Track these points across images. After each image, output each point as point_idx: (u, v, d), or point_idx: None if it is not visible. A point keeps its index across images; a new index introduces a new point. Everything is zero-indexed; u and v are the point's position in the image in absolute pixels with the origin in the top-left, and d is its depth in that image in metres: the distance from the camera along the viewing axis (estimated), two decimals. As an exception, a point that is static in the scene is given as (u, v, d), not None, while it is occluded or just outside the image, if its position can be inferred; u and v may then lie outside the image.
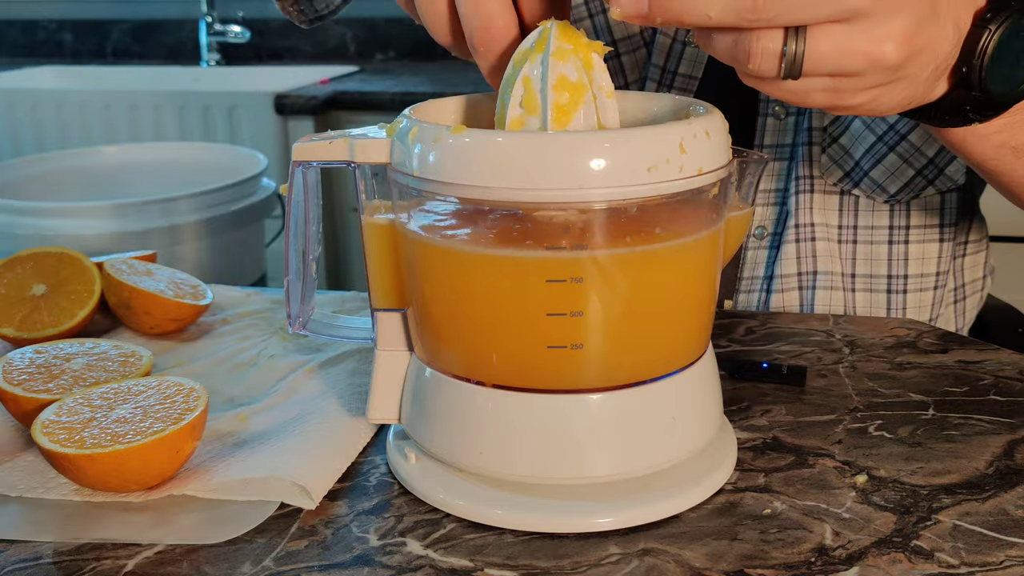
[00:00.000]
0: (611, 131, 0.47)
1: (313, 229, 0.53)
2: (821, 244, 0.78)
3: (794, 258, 0.79)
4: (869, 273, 0.79)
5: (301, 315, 0.54)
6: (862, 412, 0.58)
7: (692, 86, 0.80)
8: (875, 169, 0.75)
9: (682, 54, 0.80)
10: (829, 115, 0.76)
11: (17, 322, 0.66)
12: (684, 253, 0.47)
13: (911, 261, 0.79)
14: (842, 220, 0.78)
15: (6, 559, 0.45)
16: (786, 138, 0.78)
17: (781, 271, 0.79)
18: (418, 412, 0.51)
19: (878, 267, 0.79)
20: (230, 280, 0.89)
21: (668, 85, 0.81)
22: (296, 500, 0.49)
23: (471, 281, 0.46)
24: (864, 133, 0.75)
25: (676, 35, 0.79)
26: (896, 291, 0.79)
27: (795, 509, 0.48)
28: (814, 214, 0.78)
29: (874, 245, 0.78)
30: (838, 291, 0.79)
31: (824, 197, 0.78)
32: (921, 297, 0.79)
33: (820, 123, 0.77)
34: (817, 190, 0.78)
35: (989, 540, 0.45)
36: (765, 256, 0.81)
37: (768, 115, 0.78)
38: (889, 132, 0.75)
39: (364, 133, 0.49)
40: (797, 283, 0.79)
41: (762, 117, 0.78)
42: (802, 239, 0.78)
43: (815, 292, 0.79)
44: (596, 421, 0.47)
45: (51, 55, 2.79)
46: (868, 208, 0.78)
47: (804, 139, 0.77)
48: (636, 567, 0.44)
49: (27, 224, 1.35)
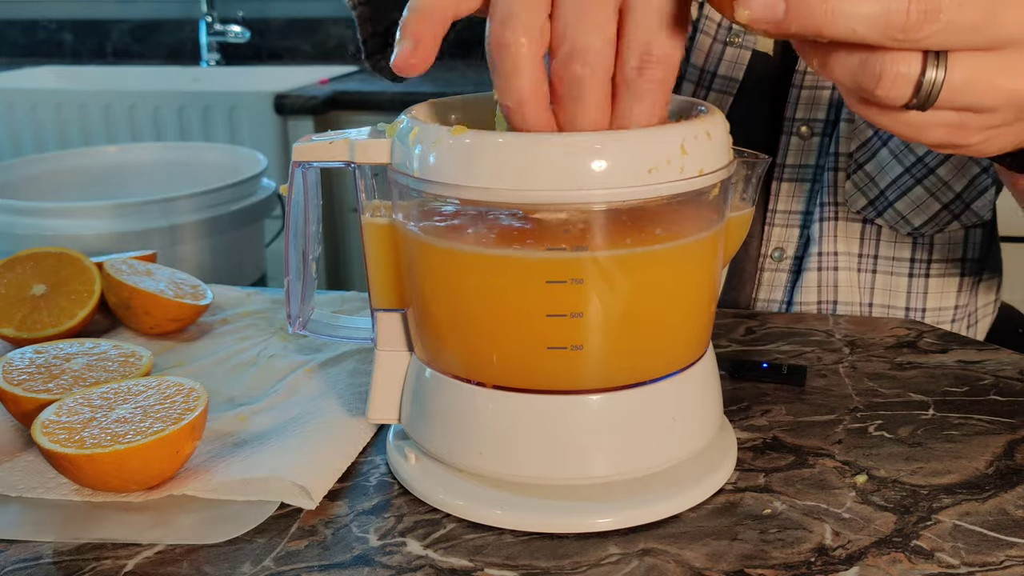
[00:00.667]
0: (611, 132, 0.47)
1: (313, 229, 0.53)
2: (843, 274, 0.77)
3: (815, 286, 0.78)
4: (887, 304, 0.78)
5: (301, 315, 0.54)
6: (862, 412, 0.58)
7: (732, 89, 0.77)
8: (900, 201, 0.74)
9: (722, 55, 0.77)
10: (857, 140, 0.74)
11: (17, 322, 0.66)
12: (684, 254, 0.47)
13: (930, 295, 0.77)
14: (863, 249, 0.77)
15: (6, 559, 0.45)
16: (809, 159, 0.77)
17: (801, 299, 0.78)
18: (418, 412, 0.51)
19: (896, 299, 0.78)
20: (230, 280, 0.89)
21: (707, 87, 0.78)
22: (296, 500, 0.49)
23: (471, 281, 0.46)
24: (891, 163, 0.74)
25: (717, 35, 0.77)
26: None
27: (795, 509, 0.48)
28: (838, 243, 0.77)
29: (894, 276, 0.77)
30: None
31: (847, 224, 0.77)
32: None
33: (847, 148, 0.75)
34: (841, 218, 0.77)
35: (989, 540, 0.45)
36: (784, 279, 0.79)
37: (793, 134, 0.77)
38: (917, 164, 0.73)
39: (364, 133, 0.49)
40: (816, 311, 0.78)
41: (786, 136, 0.77)
42: (824, 267, 0.77)
43: None
44: (596, 422, 0.47)
45: (51, 55, 2.79)
46: (890, 239, 0.76)
47: (831, 164, 0.76)
48: (636, 567, 0.44)
49: (27, 224, 1.35)
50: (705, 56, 0.78)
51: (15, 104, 2.22)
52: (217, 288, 0.78)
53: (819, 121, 0.76)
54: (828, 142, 0.76)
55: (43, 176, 1.61)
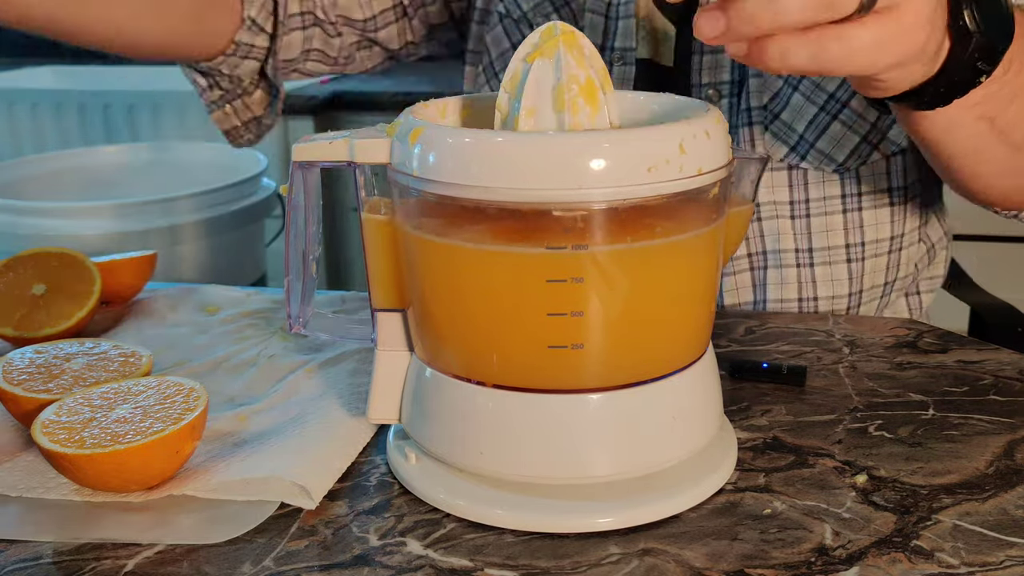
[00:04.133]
0: (611, 131, 0.47)
1: (313, 229, 0.53)
2: (768, 223, 0.78)
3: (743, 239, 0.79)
4: (827, 245, 0.79)
5: (301, 315, 0.54)
6: (862, 412, 0.58)
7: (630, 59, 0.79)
8: (820, 140, 0.76)
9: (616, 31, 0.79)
10: (768, 92, 0.76)
11: (16, 322, 0.66)
12: (684, 251, 0.47)
13: (866, 228, 0.79)
14: (793, 195, 0.78)
15: (6, 559, 0.45)
16: None
17: None
18: (418, 412, 0.51)
19: (835, 238, 0.79)
20: (230, 280, 0.89)
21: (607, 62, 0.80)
22: (296, 500, 0.49)
23: (471, 280, 0.46)
24: (805, 105, 0.75)
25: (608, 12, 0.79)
26: (855, 259, 0.79)
27: (795, 509, 0.48)
28: (760, 193, 0.78)
29: (828, 216, 0.78)
30: (791, 268, 0.79)
31: (771, 175, 0.78)
32: (876, 263, 0.80)
33: (759, 102, 0.77)
34: None
35: (989, 540, 0.45)
36: None
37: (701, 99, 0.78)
38: (830, 101, 0.75)
39: (364, 133, 0.49)
40: (748, 264, 0.79)
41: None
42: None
43: (767, 271, 0.79)
44: (596, 421, 0.47)
45: (51, 55, 2.79)
46: (818, 180, 0.78)
47: (744, 120, 0.77)
48: (636, 567, 0.44)
49: (27, 224, 1.35)
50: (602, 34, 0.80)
51: (15, 104, 2.22)
52: (217, 288, 0.78)
53: (724, 83, 0.78)
54: (737, 101, 0.78)
55: (43, 176, 1.61)
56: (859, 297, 0.80)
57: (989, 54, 0.54)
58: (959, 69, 0.54)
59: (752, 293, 0.80)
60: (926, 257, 0.85)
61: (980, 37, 0.52)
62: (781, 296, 0.79)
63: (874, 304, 0.82)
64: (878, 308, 0.82)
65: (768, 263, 0.79)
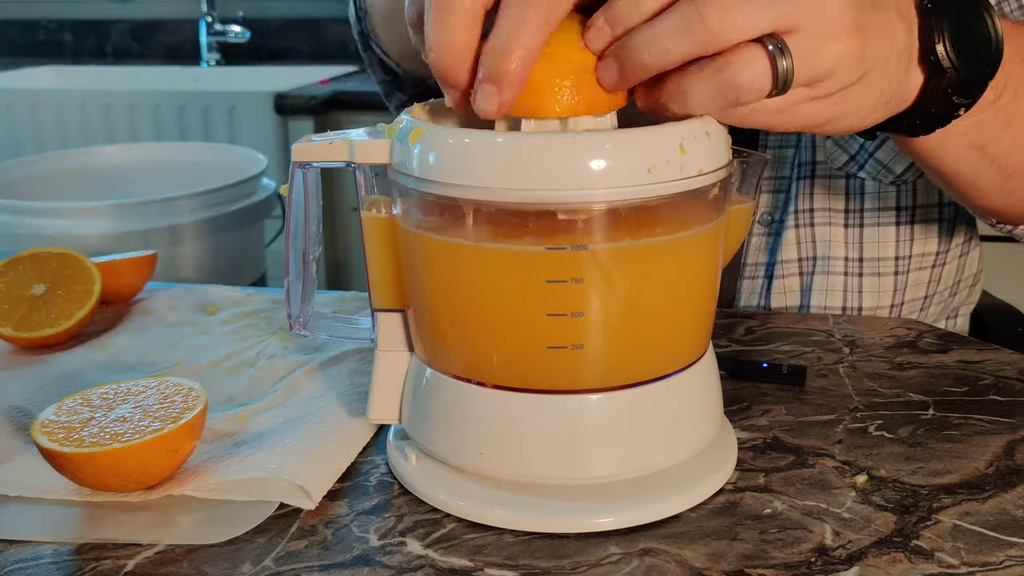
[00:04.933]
0: (611, 131, 0.47)
1: (313, 229, 0.53)
2: (820, 229, 0.78)
3: (794, 243, 0.79)
4: (876, 256, 0.78)
5: (301, 315, 0.54)
6: (862, 412, 0.58)
7: None
8: (880, 151, 0.75)
9: None
10: None
11: (15, 322, 0.66)
12: (684, 253, 0.47)
13: (916, 241, 0.79)
14: (849, 204, 0.78)
15: (6, 559, 0.45)
16: None
17: (782, 257, 0.79)
18: (418, 412, 0.51)
19: (885, 249, 0.78)
20: (230, 280, 0.89)
21: None
22: (296, 500, 0.49)
23: (471, 279, 0.46)
24: None
25: None
26: (901, 272, 0.79)
27: (795, 509, 0.48)
28: (814, 199, 0.78)
29: (881, 228, 0.78)
30: (838, 276, 0.79)
31: (829, 182, 0.78)
32: (920, 276, 0.80)
33: None
34: (820, 175, 0.78)
35: (989, 540, 0.45)
36: (766, 243, 0.81)
37: None
38: None
39: (364, 134, 0.49)
40: (798, 268, 0.79)
41: None
42: (801, 224, 0.79)
43: (814, 278, 0.79)
44: (596, 421, 0.47)
45: (51, 55, 2.79)
46: (875, 191, 0.77)
47: None
48: (636, 567, 0.44)
49: (27, 224, 1.35)
50: None
51: (15, 104, 2.22)
52: (217, 288, 0.78)
53: None
54: None
55: (43, 176, 1.61)
56: (900, 309, 0.80)
57: (967, 88, 0.52)
58: (934, 102, 0.52)
59: (799, 298, 0.80)
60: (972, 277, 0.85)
61: (954, 73, 0.50)
62: (825, 303, 0.79)
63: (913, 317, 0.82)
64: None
65: (816, 269, 0.79)
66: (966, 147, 0.58)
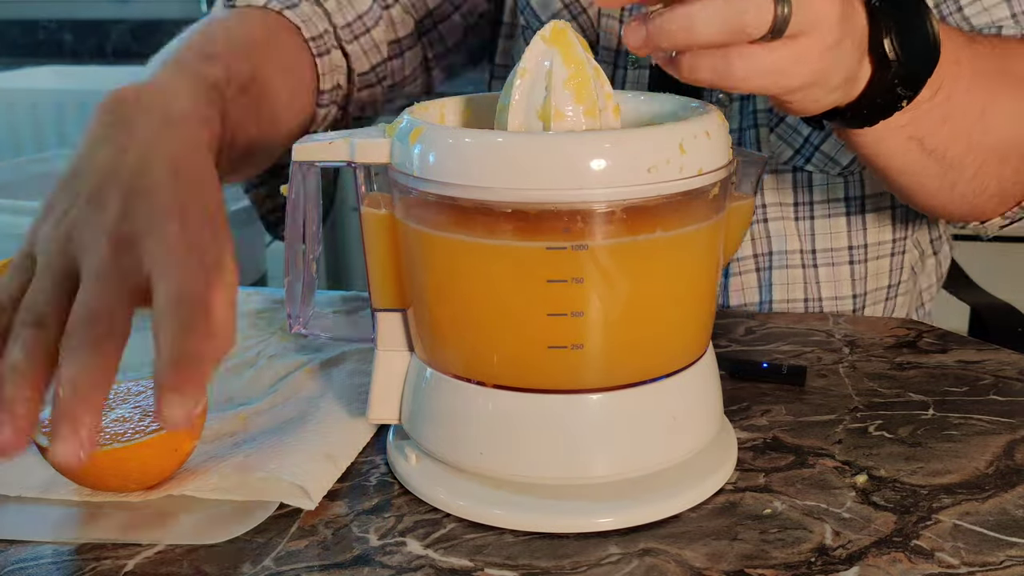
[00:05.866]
0: (611, 131, 0.47)
1: (313, 229, 0.53)
2: (775, 224, 0.79)
3: (748, 240, 0.79)
4: (830, 247, 0.79)
5: (301, 315, 0.54)
6: (862, 412, 0.58)
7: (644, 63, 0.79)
8: (825, 143, 0.76)
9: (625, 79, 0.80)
10: None
11: (17, 322, 0.66)
12: (684, 252, 0.47)
13: (869, 230, 0.79)
14: (798, 197, 0.79)
15: (6, 559, 0.45)
16: (732, 124, 0.79)
17: (737, 254, 0.79)
18: (418, 412, 0.51)
19: (838, 240, 0.79)
20: (230, 280, 0.89)
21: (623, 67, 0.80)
22: (296, 500, 0.49)
23: (471, 276, 0.46)
24: None
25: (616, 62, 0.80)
26: (857, 261, 0.80)
27: (795, 509, 0.48)
28: (766, 195, 0.78)
29: (831, 219, 0.79)
30: (796, 269, 0.79)
31: (777, 177, 0.78)
32: (879, 265, 0.80)
33: (766, 104, 0.77)
34: (768, 171, 0.78)
35: (989, 540, 0.45)
36: None
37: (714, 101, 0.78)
38: None
39: (364, 133, 0.49)
40: (754, 264, 0.80)
41: None
42: (755, 220, 0.79)
43: (772, 272, 0.79)
44: (596, 421, 0.47)
45: (51, 55, 2.79)
46: (823, 183, 0.78)
47: (750, 122, 0.78)
48: (636, 567, 0.44)
49: (27, 224, 1.35)
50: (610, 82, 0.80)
51: (15, 104, 2.22)
52: (217, 288, 0.78)
53: None
54: (747, 104, 0.78)
55: (43, 176, 1.61)
56: (863, 299, 0.80)
57: (910, 81, 0.56)
58: (880, 92, 0.56)
59: (758, 294, 0.80)
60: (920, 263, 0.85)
61: (899, 66, 0.54)
62: (788, 296, 0.79)
63: (879, 307, 0.82)
64: (884, 311, 0.82)
65: (773, 264, 0.79)
66: (906, 139, 0.60)
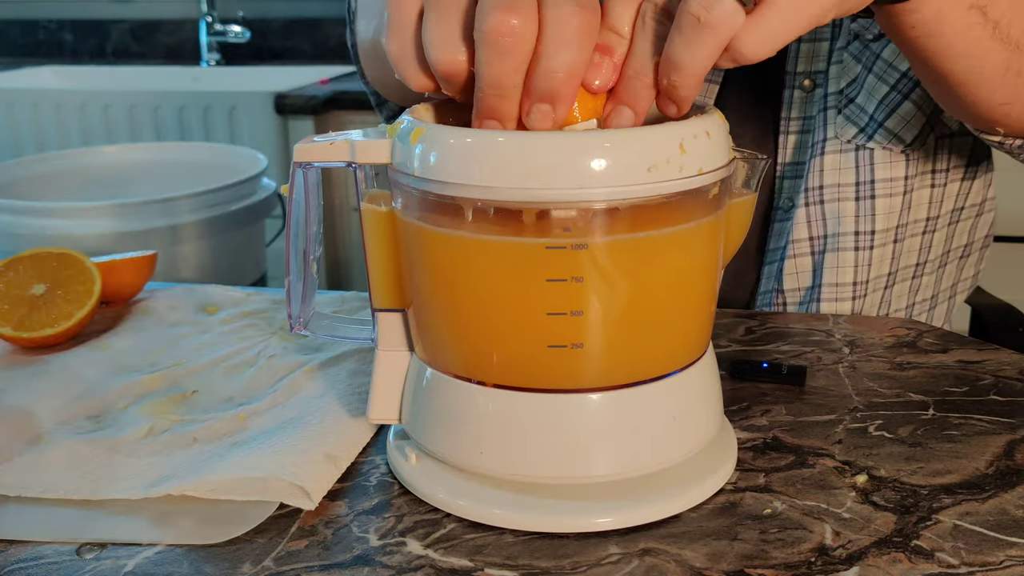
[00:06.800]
0: (611, 131, 0.47)
1: (314, 229, 0.53)
2: (830, 206, 0.79)
3: (804, 222, 0.79)
4: (887, 227, 0.79)
5: (301, 315, 0.54)
6: (862, 412, 0.58)
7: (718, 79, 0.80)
8: (890, 119, 0.76)
9: None
10: (846, 78, 0.76)
11: (15, 322, 0.66)
12: (684, 252, 0.47)
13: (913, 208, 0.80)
14: (859, 176, 0.78)
15: (6, 559, 0.45)
16: (812, 110, 0.79)
17: (794, 237, 0.80)
18: (418, 412, 0.51)
19: (891, 220, 0.79)
20: (230, 280, 0.89)
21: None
22: (295, 501, 0.49)
23: (471, 279, 0.46)
24: (877, 86, 0.76)
25: None
26: (900, 239, 0.80)
27: (795, 509, 0.48)
28: (825, 176, 0.78)
29: (892, 198, 0.78)
30: (848, 252, 0.79)
31: (839, 156, 0.78)
32: (912, 243, 0.81)
33: (836, 87, 0.77)
34: (829, 151, 0.78)
35: (989, 540, 0.45)
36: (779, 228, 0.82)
37: (796, 87, 0.79)
38: (902, 80, 0.75)
39: (365, 134, 0.49)
40: (809, 248, 0.80)
41: (788, 89, 0.79)
42: (811, 203, 0.79)
43: (825, 256, 0.79)
44: (596, 421, 0.47)
45: (51, 55, 2.79)
46: (885, 160, 0.78)
47: (822, 105, 0.78)
48: (636, 567, 0.44)
49: (27, 224, 1.35)
50: None
51: (15, 104, 2.23)
52: (217, 288, 0.78)
53: (820, 73, 0.78)
54: (821, 89, 0.78)
55: (43, 176, 1.61)
56: (894, 277, 0.81)
57: None
58: None
59: (811, 278, 0.80)
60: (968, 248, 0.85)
61: None
62: (836, 280, 0.79)
63: (906, 284, 0.82)
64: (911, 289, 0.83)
65: (827, 247, 0.79)
66: (967, 9, 0.56)
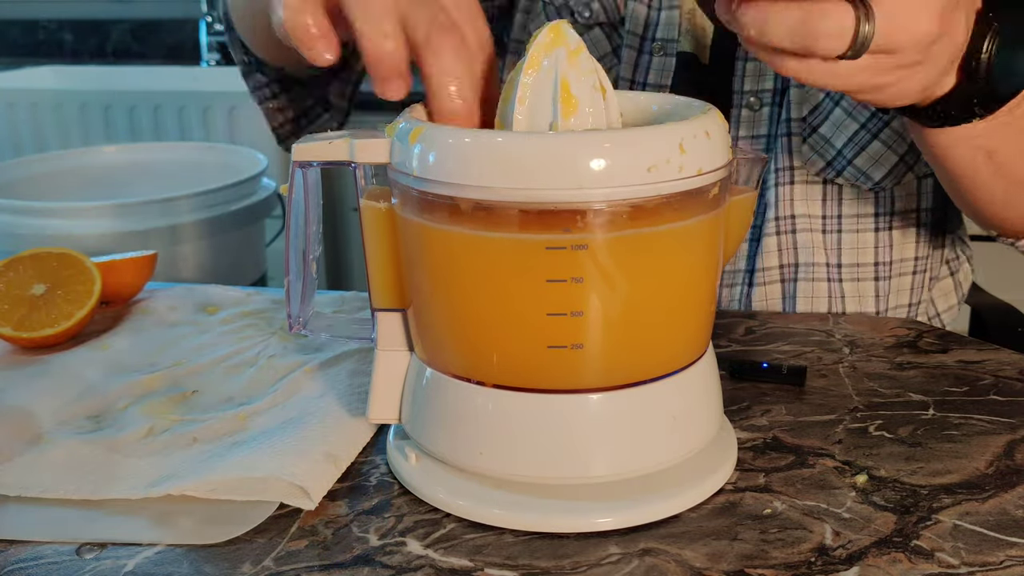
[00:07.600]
0: (611, 131, 0.47)
1: (313, 229, 0.53)
2: (802, 236, 0.78)
3: (775, 251, 0.79)
4: (856, 262, 0.79)
5: (301, 315, 0.54)
6: (862, 412, 0.58)
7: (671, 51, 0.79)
8: (859, 157, 0.76)
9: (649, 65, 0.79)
10: (808, 104, 0.76)
11: (15, 322, 0.66)
12: (684, 252, 0.47)
13: (895, 247, 0.79)
14: (826, 210, 0.78)
15: (6, 559, 0.45)
16: (761, 129, 0.79)
17: (763, 264, 0.79)
18: (418, 412, 0.51)
19: (864, 255, 0.79)
20: (230, 280, 0.89)
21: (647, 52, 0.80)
22: (295, 500, 0.49)
23: (471, 279, 0.46)
24: (846, 121, 0.75)
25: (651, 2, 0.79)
26: (883, 278, 0.79)
27: (795, 509, 0.48)
28: (795, 205, 0.78)
29: (860, 234, 0.78)
30: (821, 282, 0.79)
31: (807, 187, 0.78)
32: (901, 282, 0.80)
33: (799, 114, 0.77)
34: (798, 181, 0.78)
35: (989, 540, 0.45)
36: (746, 249, 0.81)
37: (742, 106, 0.78)
38: (872, 119, 0.75)
39: (364, 133, 0.49)
40: (779, 276, 0.79)
41: (736, 109, 0.78)
42: (783, 231, 0.79)
43: (797, 284, 0.79)
44: (596, 421, 0.47)
45: (51, 55, 2.79)
46: (853, 196, 0.78)
47: (783, 130, 0.77)
48: (636, 567, 0.44)
49: (27, 224, 1.35)
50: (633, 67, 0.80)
51: (15, 104, 2.22)
52: (217, 288, 0.78)
53: (767, 91, 0.78)
54: (778, 111, 0.78)
55: (43, 176, 1.61)
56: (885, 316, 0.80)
57: (989, 101, 0.55)
58: (957, 106, 0.55)
59: (781, 304, 0.80)
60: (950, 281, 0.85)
61: (984, 84, 0.54)
62: (812, 309, 0.79)
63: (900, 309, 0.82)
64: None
65: (799, 276, 0.79)
66: (974, 149, 0.60)
